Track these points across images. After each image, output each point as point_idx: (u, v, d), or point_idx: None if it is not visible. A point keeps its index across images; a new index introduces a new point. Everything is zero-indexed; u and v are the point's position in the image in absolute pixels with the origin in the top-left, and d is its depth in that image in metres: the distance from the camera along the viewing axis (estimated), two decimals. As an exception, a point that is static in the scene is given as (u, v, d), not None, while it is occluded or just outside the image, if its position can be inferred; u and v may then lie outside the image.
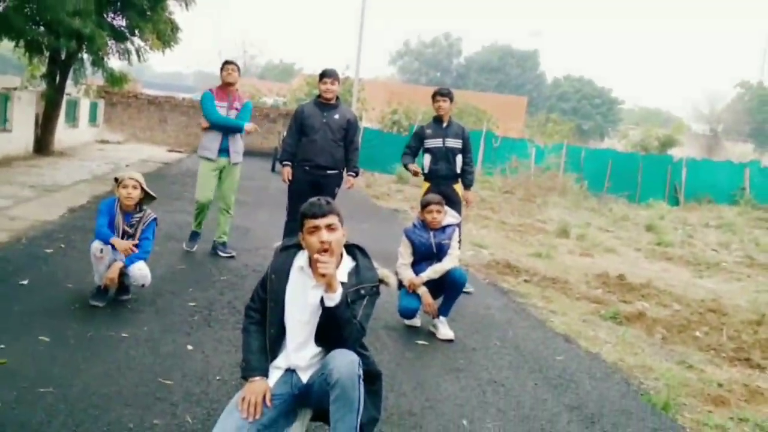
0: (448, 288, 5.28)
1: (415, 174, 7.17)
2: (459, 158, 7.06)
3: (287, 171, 6.96)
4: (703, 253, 12.74)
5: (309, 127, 6.82)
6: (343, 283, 2.92)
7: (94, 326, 4.58)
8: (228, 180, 7.21)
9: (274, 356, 3.05)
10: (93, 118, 23.01)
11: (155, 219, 5.30)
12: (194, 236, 7.31)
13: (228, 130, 7.03)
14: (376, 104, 30.33)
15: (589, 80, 64.14)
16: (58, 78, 15.69)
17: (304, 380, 2.97)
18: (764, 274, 10.99)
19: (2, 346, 4.04)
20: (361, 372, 2.76)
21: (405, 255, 5.37)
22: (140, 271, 5.08)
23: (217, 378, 3.95)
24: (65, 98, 17.28)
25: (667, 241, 13.75)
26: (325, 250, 2.86)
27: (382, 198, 15.86)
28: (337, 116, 6.86)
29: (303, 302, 2.96)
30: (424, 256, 5.34)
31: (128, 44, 15.49)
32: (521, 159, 23.30)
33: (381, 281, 3.08)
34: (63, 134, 18.01)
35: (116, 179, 5.22)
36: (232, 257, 7.08)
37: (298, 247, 3.05)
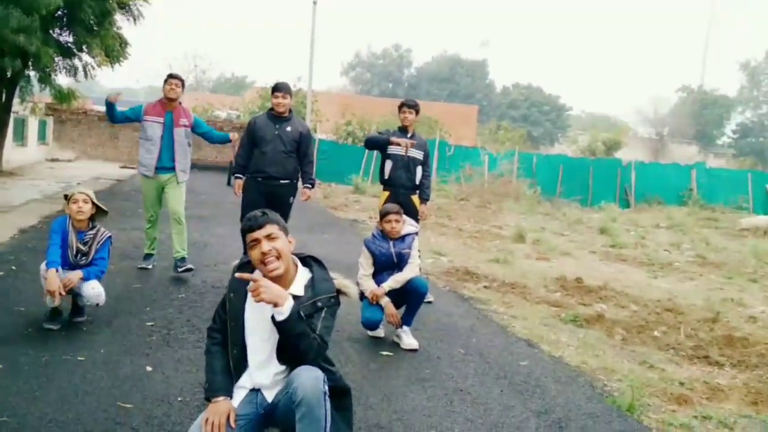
0: (409, 297, 5.26)
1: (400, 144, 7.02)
2: (419, 169, 7.09)
3: (238, 184, 6.93)
4: (656, 253, 12.98)
5: (260, 138, 6.78)
6: (298, 297, 2.87)
7: (49, 350, 4.43)
8: (172, 194, 6.96)
9: (238, 376, 2.99)
10: (42, 137, 22.45)
11: (110, 237, 5.17)
12: (148, 257, 7.15)
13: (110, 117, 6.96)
14: (330, 115, 30.29)
15: (537, 88, 65.10)
16: (4, 96, 15.26)
17: (269, 399, 2.91)
18: (715, 272, 11.24)
19: (-49, 375, 3.88)
20: (326, 389, 2.71)
21: (366, 266, 5.33)
22: (93, 290, 4.94)
23: (179, 399, 3.84)
24: (12, 117, 16.81)
25: (621, 243, 13.98)
26: (264, 264, 2.85)
27: (340, 209, 15.82)
28: (289, 128, 6.83)
29: (261, 319, 2.90)
30: (384, 266, 5.31)
31: (76, 60, 15.12)
32: (475, 167, 23.54)
33: (339, 292, 3.03)
34: (11, 154, 17.50)
35: (66, 196, 5.08)
36: (189, 269, 6.86)
37: None
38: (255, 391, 2.95)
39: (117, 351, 4.55)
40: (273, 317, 2.73)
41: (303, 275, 2.98)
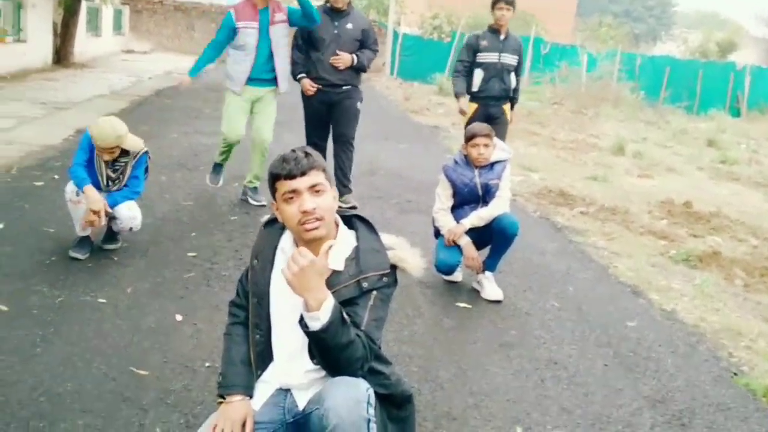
0: (495, 238, 4.30)
1: (462, 113, 6.52)
2: (513, 76, 6.32)
3: (307, 82, 5.81)
4: (773, 172, 11.53)
5: (319, 40, 5.71)
6: (337, 273, 2.05)
7: (68, 288, 3.79)
8: (263, 115, 5.71)
9: (262, 369, 2.21)
10: (118, 27, 21.96)
11: (146, 153, 4.38)
12: (217, 168, 6.00)
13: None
14: (416, 8, 28.59)
15: (642, -20, 60.36)
16: (75, -18, 14.68)
17: (300, 405, 2.11)
18: (843, 197, 9.80)
19: (-55, 320, 3.29)
20: (370, 413, 1.89)
21: (443, 198, 4.39)
22: (129, 212, 4.23)
23: (206, 365, 3.13)
24: (86, 6, 16.25)
25: (732, 158, 12.54)
26: (318, 219, 2.00)
27: (421, 113, 14.72)
28: (350, 26, 5.75)
29: (291, 297, 2.08)
30: (467, 198, 4.34)
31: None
32: (572, 67, 21.69)
33: (394, 267, 2.16)
34: (85, 44, 17.04)
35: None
36: (263, 206, 5.80)
37: None
38: (284, 390, 2.18)
39: (146, 291, 3.88)
40: (302, 320, 1.91)
41: (345, 242, 2.12)
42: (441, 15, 26.77)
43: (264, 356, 2.20)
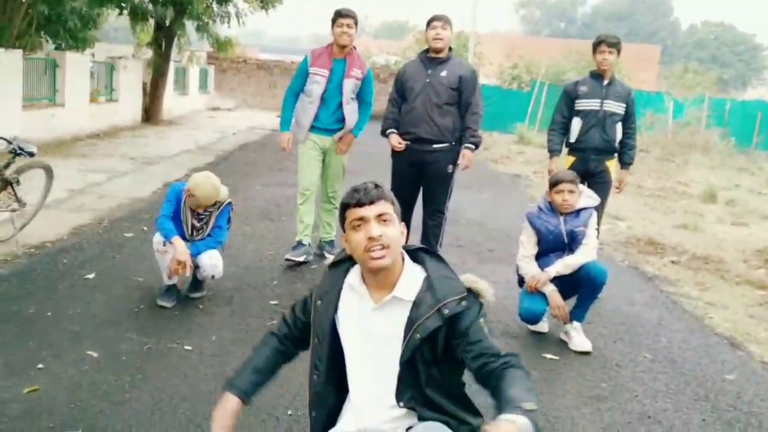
0: (582, 287, 4.16)
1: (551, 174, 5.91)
2: (618, 127, 5.51)
3: (395, 137, 5.34)
4: None
5: (409, 90, 5.25)
6: (417, 306, 2.02)
7: (155, 335, 3.87)
8: (331, 165, 5.69)
9: (319, 409, 2.19)
10: (204, 85, 22.98)
11: (229, 203, 4.51)
12: (299, 246, 5.56)
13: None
14: (495, 59, 28.68)
15: (730, 25, 59.13)
16: (163, 46, 15.43)
17: (386, 456, 2.06)
18: None
19: (40, 366, 3.39)
20: None
21: (527, 245, 4.29)
22: (210, 260, 4.35)
23: (288, 413, 3.12)
24: (174, 66, 17.03)
25: (833, 204, 11.84)
26: (384, 248, 2.00)
27: (501, 162, 14.63)
28: (444, 73, 5.19)
29: (364, 341, 2.08)
30: (551, 246, 4.23)
31: (230, 7, 14.91)
32: (657, 114, 21.18)
33: (470, 291, 2.07)
34: (173, 103, 17.87)
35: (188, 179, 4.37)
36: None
37: (351, 260, 2.16)
38: (365, 433, 2.12)
39: (230, 339, 3.93)
40: None
41: (412, 274, 2.09)
42: (520, 65, 26.79)
43: (321, 398, 2.18)
